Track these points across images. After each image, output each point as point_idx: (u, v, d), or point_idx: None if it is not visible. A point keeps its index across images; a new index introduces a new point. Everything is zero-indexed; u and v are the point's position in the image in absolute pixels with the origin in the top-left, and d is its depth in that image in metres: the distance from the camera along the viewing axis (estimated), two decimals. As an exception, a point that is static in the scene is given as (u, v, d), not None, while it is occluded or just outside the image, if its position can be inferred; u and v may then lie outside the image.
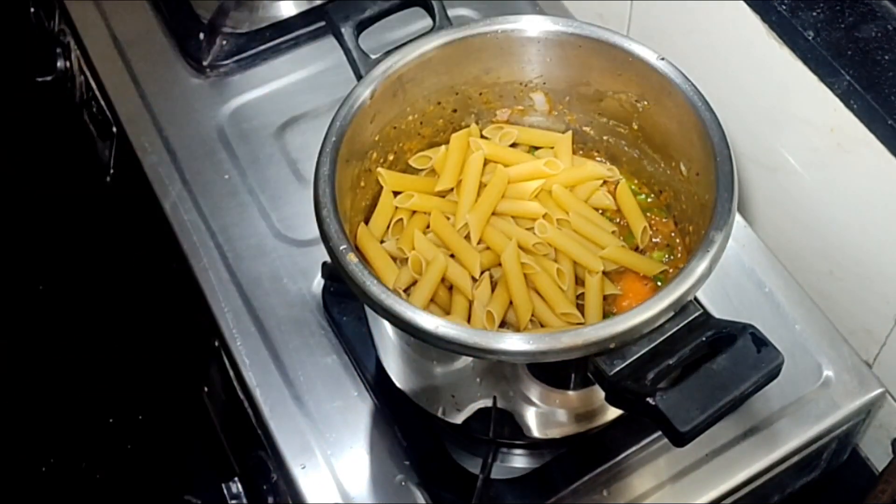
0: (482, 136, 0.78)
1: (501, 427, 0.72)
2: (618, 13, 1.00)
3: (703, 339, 0.59)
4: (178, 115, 0.97)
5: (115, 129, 0.99)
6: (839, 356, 0.80)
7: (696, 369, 0.57)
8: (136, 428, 1.09)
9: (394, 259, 0.72)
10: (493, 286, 0.71)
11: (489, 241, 0.72)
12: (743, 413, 0.77)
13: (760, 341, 0.58)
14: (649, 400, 0.56)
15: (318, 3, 1.03)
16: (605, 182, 0.78)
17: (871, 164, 0.76)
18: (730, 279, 0.83)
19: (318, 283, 0.85)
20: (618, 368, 0.59)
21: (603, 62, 0.72)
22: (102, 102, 1.00)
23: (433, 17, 0.75)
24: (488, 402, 0.70)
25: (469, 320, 0.69)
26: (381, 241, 0.73)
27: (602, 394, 0.61)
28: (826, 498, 0.89)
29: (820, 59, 0.77)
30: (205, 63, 0.99)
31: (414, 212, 0.74)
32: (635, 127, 0.75)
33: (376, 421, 0.78)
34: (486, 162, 0.76)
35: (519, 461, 0.78)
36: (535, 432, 0.73)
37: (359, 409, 0.79)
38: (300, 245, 0.87)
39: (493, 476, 0.75)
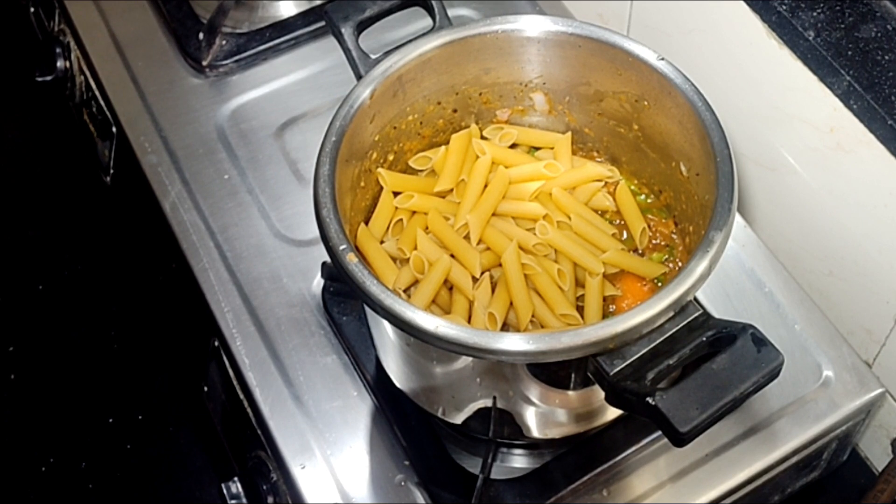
0: (482, 137, 0.78)
1: (501, 427, 0.72)
2: (618, 13, 1.00)
3: (703, 339, 0.59)
4: (177, 115, 0.97)
5: (114, 129, 0.99)
6: (839, 356, 0.80)
7: (696, 369, 0.57)
8: (136, 428, 1.09)
9: (393, 259, 0.72)
10: (493, 287, 0.71)
11: (489, 242, 0.72)
12: (743, 413, 0.77)
13: (760, 341, 0.58)
14: (649, 400, 0.56)
15: (318, 3, 1.04)
16: (604, 183, 0.77)
17: (871, 165, 0.76)
18: (730, 279, 0.83)
19: (317, 283, 0.85)
20: (618, 368, 0.59)
21: (603, 62, 0.72)
22: (102, 102, 1.00)
23: (433, 17, 0.75)
24: (488, 402, 0.70)
25: (469, 320, 0.69)
26: (381, 242, 0.73)
27: (602, 394, 0.61)
28: (826, 498, 0.89)
29: (820, 59, 0.77)
30: (204, 63, 0.99)
31: (414, 212, 0.74)
32: (635, 127, 0.75)
33: (376, 421, 0.78)
34: (485, 162, 0.76)
35: (519, 461, 0.78)
36: (535, 432, 0.73)
37: (358, 409, 0.79)
38: (300, 245, 0.87)
39: (492, 476, 0.75)
